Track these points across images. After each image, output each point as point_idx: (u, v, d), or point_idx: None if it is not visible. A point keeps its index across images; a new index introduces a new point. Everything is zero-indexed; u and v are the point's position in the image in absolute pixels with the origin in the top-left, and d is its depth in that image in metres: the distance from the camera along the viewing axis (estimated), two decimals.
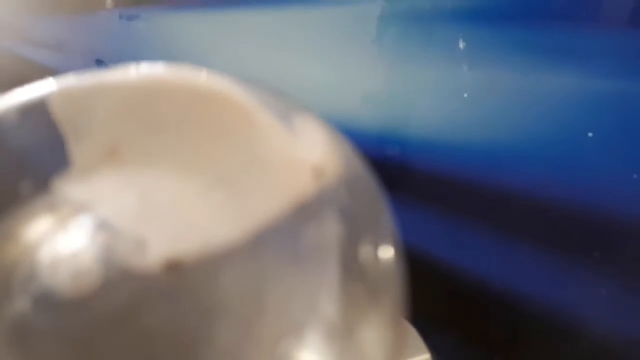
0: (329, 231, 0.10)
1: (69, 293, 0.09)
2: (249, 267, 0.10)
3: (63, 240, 0.10)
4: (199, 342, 0.09)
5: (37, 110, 0.12)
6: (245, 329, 0.09)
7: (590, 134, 0.28)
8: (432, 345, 0.26)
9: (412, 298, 0.12)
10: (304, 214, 0.10)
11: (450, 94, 0.33)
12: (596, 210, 0.27)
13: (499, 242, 0.28)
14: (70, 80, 0.12)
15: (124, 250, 0.10)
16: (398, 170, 0.32)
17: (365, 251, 0.10)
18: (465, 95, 0.32)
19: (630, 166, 0.27)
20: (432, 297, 0.28)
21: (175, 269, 0.10)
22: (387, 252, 0.10)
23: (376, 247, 0.10)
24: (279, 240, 0.10)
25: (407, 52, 0.37)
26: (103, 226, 0.11)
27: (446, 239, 0.30)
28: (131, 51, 0.53)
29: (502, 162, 0.30)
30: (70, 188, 0.11)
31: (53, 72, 0.47)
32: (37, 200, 0.11)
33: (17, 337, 0.09)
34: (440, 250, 0.29)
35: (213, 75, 0.12)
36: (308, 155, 0.11)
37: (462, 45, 0.34)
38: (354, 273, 0.10)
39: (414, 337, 0.26)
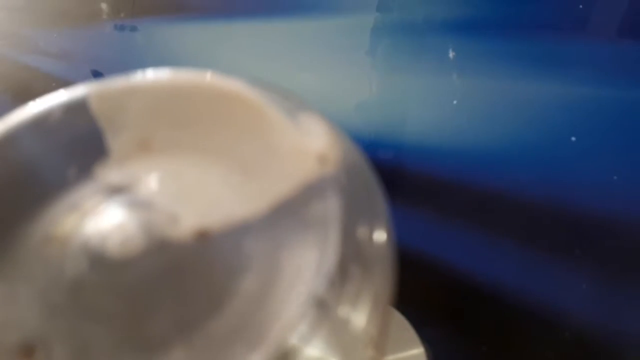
0: (332, 205, 0.12)
1: (118, 255, 0.12)
2: (266, 233, 0.12)
3: (108, 215, 0.13)
4: (227, 293, 0.11)
5: (79, 108, 0.14)
6: (265, 282, 0.11)
7: (573, 138, 0.30)
8: (425, 337, 0.28)
9: (407, 293, 0.14)
10: (309, 192, 0.12)
11: (441, 101, 0.35)
12: (578, 209, 0.29)
13: (487, 239, 0.30)
14: (106, 82, 0.14)
15: (159, 223, 0.12)
16: (390, 173, 0.34)
17: (361, 230, 0.12)
18: (455, 102, 0.34)
19: (610, 168, 0.29)
20: (425, 292, 0.30)
21: (204, 237, 0.12)
22: (381, 235, 0.13)
23: (371, 228, 0.12)
24: (290, 212, 0.12)
25: (399, 62, 0.39)
26: (140, 204, 0.13)
27: (437, 237, 0.31)
28: (128, 62, 0.54)
29: (490, 165, 0.32)
30: (110, 174, 0.14)
31: (56, 80, 0.49)
32: (82, 184, 0.13)
33: (75, 292, 0.12)
34: (432, 248, 0.31)
35: (229, 78, 0.14)
36: (312, 145, 0.13)
37: (451, 54, 0.36)
38: (351, 247, 0.12)
39: (408, 331, 0.28)
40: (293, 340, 0.10)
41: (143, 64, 0.16)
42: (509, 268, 0.29)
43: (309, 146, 0.13)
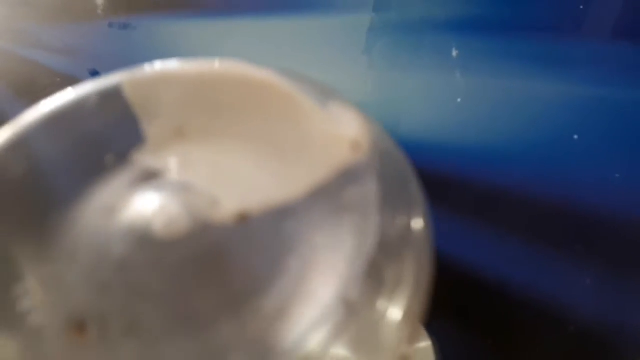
0: (369, 189, 0.12)
1: (164, 236, 0.12)
2: (304, 217, 0.12)
3: (149, 198, 0.13)
4: (271, 273, 0.12)
5: (113, 95, 0.14)
6: (306, 263, 0.12)
7: (576, 136, 0.31)
8: (432, 331, 0.28)
9: None
10: (345, 177, 0.13)
11: (441, 100, 0.35)
12: (581, 206, 0.29)
13: (491, 235, 0.31)
14: (139, 70, 0.15)
15: (201, 205, 0.13)
16: None
17: (399, 216, 0.13)
18: (459, 100, 0.34)
19: (612, 166, 0.30)
20: (431, 287, 0.31)
21: (244, 219, 0.12)
22: (419, 222, 0.13)
23: (409, 214, 0.13)
24: (327, 196, 0.13)
25: (398, 61, 0.40)
26: (181, 187, 0.13)
27: (442, 234, 0.32)
28: (128, 59, 0.54)
29: (494, 162, 0.32)
30: (147, 159, 0.14)
31: (60, 75, 0.49)
32: (120, 170, 0.14)
33: (122, 271, 0.12)
34: (437, 244, 0.31)
35: (260, 67, 0.15)
36: (345, 131, 0.13)
37: (454, 53, 0.37)
38: (390, 232, 0.12)
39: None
40: (332, 325, 0.11)
41: (143, 62, 0.16)
42: (514, 263, 0.30)
43: (342, 133, 0.13)
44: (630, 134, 0.31)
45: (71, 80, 0.50)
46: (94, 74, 0.52)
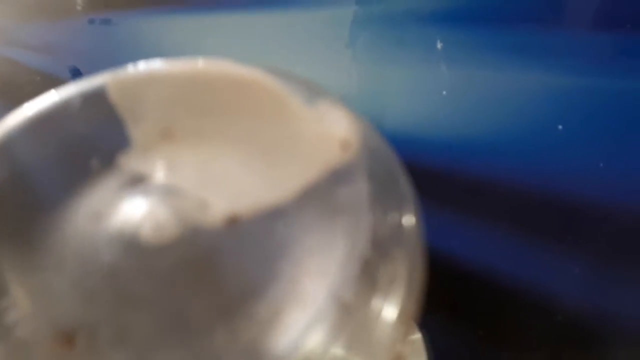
0: (360, 189, 0.12)
1: (152, 242, 0.12)
2: (295, 218, 0.12)
3: (137, 203, 0.13)
4: (263, 277, 0.11)
5: (97, 97, 0.14)
6: (298, 265, 0.11)
7: (560, 127, 0.31)
8: (421, 323, 0.28)
9: None
10: (336, 177, 0.13)
11: (429, 92, 0.35)
12: (567, 196, 0.29)
13: (480, 227, 0.31)
14: (124, 70, 0.14)
15: (190, 209, 0.12)
16: None
17: (390, 214, 0.12)
18: (444, 93, 0.34)
19: (596, 156, 0.30)
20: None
21: (234, 223, 0.12)
22: (410, 219, 0.13)
23: (400, 213, 0.13)
24: (318, 197, 0.12)
25: (382, 54, 0.40)
26: (169, 191, 0.13)
27: (429, 226, 0.32)
28: (106, 56, 0.53)
29: (479, 154, 0.32)
30: (134, 163, 0.14)
31: (39, 73, 0.48)
32: (106, 174, 0.13)
33: (111, 278, 0.12)
34: (427, 237, 0.31)
35: (247, 66, 0.15)
36: (335, 130, 0.13)
37: (438, 46, 0.37)
38: (381, 231, 0.12)
39: None
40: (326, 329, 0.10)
41: (124, 59, 0.16)
42: (502, 254, 0.30)
43: (332, 132, 0.13)
44: (614, 124, 0.31)
45: (51, 78, 0.49)
46: (75, 71, 0.51)
